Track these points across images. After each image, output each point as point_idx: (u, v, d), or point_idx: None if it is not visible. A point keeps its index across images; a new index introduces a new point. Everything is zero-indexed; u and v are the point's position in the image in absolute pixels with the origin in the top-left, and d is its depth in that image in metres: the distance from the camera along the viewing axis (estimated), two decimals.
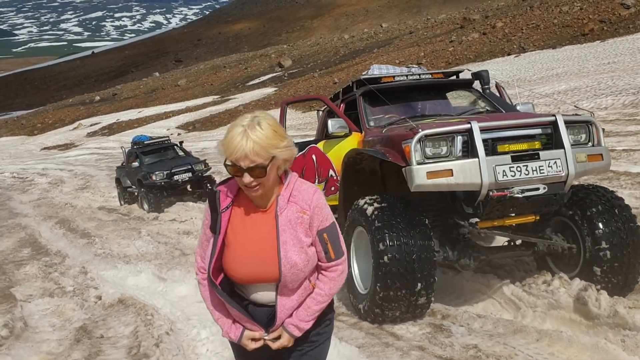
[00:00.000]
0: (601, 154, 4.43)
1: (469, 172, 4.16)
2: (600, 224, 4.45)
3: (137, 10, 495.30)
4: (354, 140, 5.41)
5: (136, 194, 13.67)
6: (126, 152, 15.03)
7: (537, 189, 4.21)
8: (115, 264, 7.50)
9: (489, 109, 5.66)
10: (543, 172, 4.21)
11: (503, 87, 5.97)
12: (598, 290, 4.22)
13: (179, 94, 60.97)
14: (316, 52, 67.74)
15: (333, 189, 5.67)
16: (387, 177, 5.16)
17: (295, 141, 4.60)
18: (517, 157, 4.22)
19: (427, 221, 4.46)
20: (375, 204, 4.51)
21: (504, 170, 4.17)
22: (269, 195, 2.08)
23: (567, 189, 4.35)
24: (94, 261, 7.80)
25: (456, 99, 6.19)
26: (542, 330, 4.04)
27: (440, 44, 40.85)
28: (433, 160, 4.23)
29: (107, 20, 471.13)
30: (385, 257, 4.21)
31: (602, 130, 4.52)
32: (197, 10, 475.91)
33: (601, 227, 4.43)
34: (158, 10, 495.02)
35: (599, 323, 3.97)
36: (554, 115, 4.42)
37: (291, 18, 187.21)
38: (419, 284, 4.25)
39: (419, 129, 4.25)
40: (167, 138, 15.74)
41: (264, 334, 2.11)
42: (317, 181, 5.98)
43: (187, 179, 12.97)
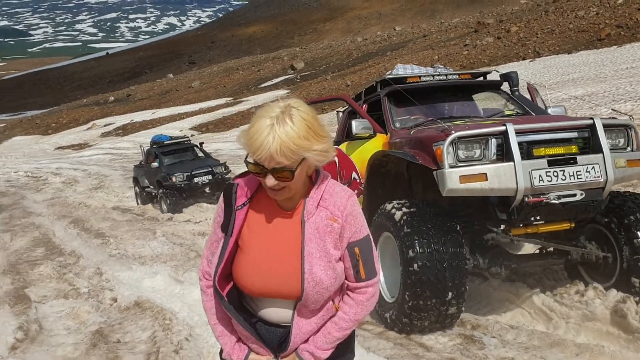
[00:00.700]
0: None
1: (504, 177, 3.98)
2: (639, 233, 4.26)
3: (151, 12, 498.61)
4: (379, 142, 5.23)
5: (154, 194, 13.50)
6: (145, 151, 14.80)
7: (574, 195, 4.03)
8: (130, 265, 7.37)
9: (519, 111, 5.47)
10: (581, 178, 4.03)
11: (536, 88, 5.75)
12: (637, 302, 4.04)
13: (193, 95, 61.16)
14: (329, 55, 67.61)
15: (356, 192, 5.51)
16: (414, 181, 4.99)
17: None
18: (553, 162, 4.05)
19: (458, 227, 4.28)
20: (404, 209, 4.33)
21: (540, 175, 4.00)
22: (296, 196, 1.75)
23: (605, 195, 4.17)
24: (108, 262, 7.69)
25: (483, 100, 6.00)
26: (582, 345, 3.85)
27: (455, 48, 40.61)
28: (466, 164, 4.05)
29: (121, 21, 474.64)
30: (415, 265, 4.04)
31: None
32: (211, 13, 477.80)
33: None
34: (172, 12, 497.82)
35: (639, 337, 3.77)
36: (591, 118, 4.25)
37: (304, 21, 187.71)
38: (450, 293, 4.06)
39: (452, 131, 4.08)
40: (187, 138, 15.37)
41: (273, 359, 1.79)
42: None
43: (207, 181, 12.73)
